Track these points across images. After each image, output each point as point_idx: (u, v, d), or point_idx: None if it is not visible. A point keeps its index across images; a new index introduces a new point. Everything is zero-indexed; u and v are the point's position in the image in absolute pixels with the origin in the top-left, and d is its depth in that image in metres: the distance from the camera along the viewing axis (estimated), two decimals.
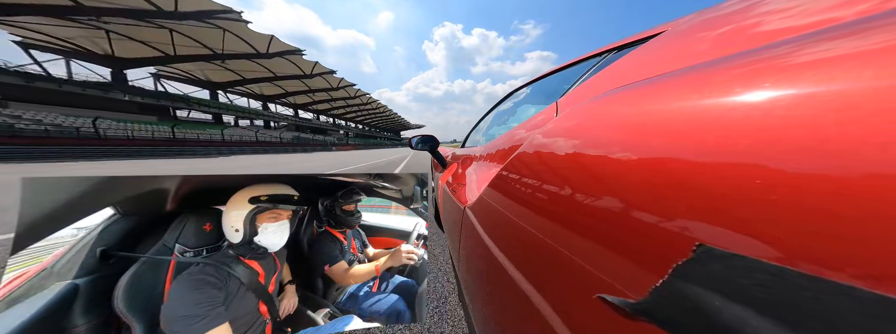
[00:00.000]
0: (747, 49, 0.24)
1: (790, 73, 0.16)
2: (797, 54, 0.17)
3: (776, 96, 0.15)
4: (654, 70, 0.35)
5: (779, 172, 0.13)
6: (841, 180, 0.11)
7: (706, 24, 0.37)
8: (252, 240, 0.73)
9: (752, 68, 0.19)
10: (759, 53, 0.20)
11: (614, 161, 0.23)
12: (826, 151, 0.12)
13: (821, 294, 0.11)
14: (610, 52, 0.59)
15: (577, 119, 0.33)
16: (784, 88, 0.15)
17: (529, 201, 0.34)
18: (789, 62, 0.17)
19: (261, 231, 0.73)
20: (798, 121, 0.14)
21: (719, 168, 0.16)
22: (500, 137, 0.77)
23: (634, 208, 0.20)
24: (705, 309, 0.14)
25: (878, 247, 0.10)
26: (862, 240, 0.10)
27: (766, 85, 0.16)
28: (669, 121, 0.21)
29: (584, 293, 0.23)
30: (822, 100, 0.13)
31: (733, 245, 0.14)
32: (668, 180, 0.18)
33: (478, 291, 0.51)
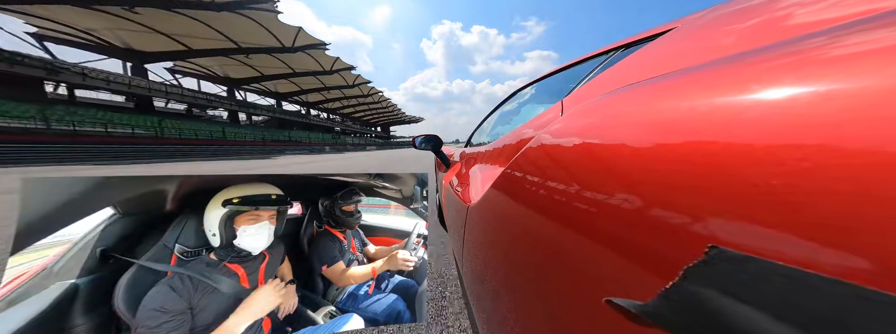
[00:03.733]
0: (760, 46, 0.24)
1: (808, 70, 0.15)
2: (814, 51, 0.17)
3: (792, 94, 0.15)
4: (664, 68, 0.34)
5: (795, 172, 0.13)
6: (861, 180, 0.11)
7: (718, 20, 0.36)
8: (231, 244, 0.71)
9: (769, 65, 0.18)
10: (774, 50, 0.20)
11: (622, 160, 0.23)
12: (845, 151, 0.12)
13: (839, 297, 0.11)
14: (617, 51, 0.58)
15: (584, 118, 0.32)
16: (801, 86, 0.15)
17: (535, 201, 0.34)
18: (807, 59, 0.16)
19: (239, 233, 0.71)
20: (815, 119, 0.13)
21: (733, 168, 0.15)
22: (504, 137, 0.77)
23: (643, 208, 0.19)
24: (716, 312, 0.14)
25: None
26: (884, 242, 0.10)
27: (783, 82, 0.16)
28: (679, 119, 0.20)
29: (590, 294, 0.22)
30: (841, 98, 0.13)
31: (747, 246, 0.13)
32: (679, 180, 0.18)
33: (482, 291, 0.50)
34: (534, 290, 0.31)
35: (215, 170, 8.84)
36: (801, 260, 0.12)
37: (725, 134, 0.16)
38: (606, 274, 0.21)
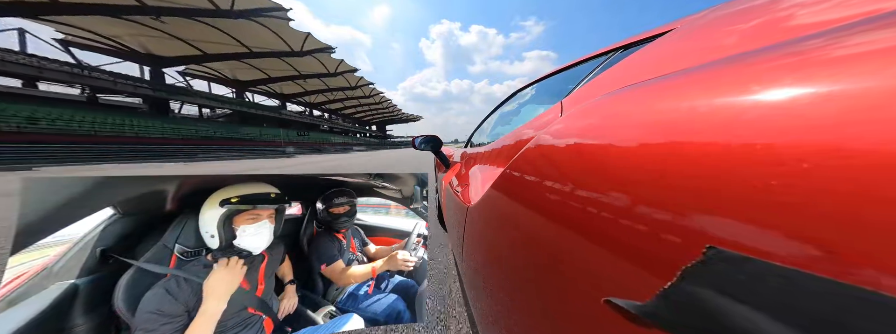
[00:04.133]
0: (761, 47, 0.24)
1: (809, 70, 0.15)
2: (815, 52, 0.17)
3: (793, 95, 0.15)
4: (664, 68, 0.34)
5: (794, 173, 0.13)
6: (860, 181, 0.11)
7: (718, 21, 0.36)
8: (231, 244, 0.71)
9: (770, 66, 0.18)
10: (775, 51, 0.20)
11: (621, 161, 0.23)
12: (845, 152, 0.12)
13: (838, 298, 0.11)
14: (617, 51, 0.58)
15: (584, 118, 0.32)
16: (801, 87, 0.15)
17: (534, 201, 0.34)
18: (808, 60, 0.16)
19: (239, 233, 0.70)
20: (815, 120, 0.13)
21: (732, 169, 0.15)
22: (503, 137, 0.77)
23: (641, 209, 0.19)
24: (715, 312, 0.14)
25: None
26: (883, 243, 0.10)
27: (784, 83, 0.16)
28: (679, 120, 0.20)
29: (589, 294, 0.22)
30: (841, 99, 0.13)
31: (745, 247, 0.13)
32: (678, 181, 0.18)
33: (481, 291, 0.51)
34: (533, 290, 0.31)
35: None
36: (800, 260, 0.12)
37: (725, 135, 0.16)
38: (605, 275, 0.21)
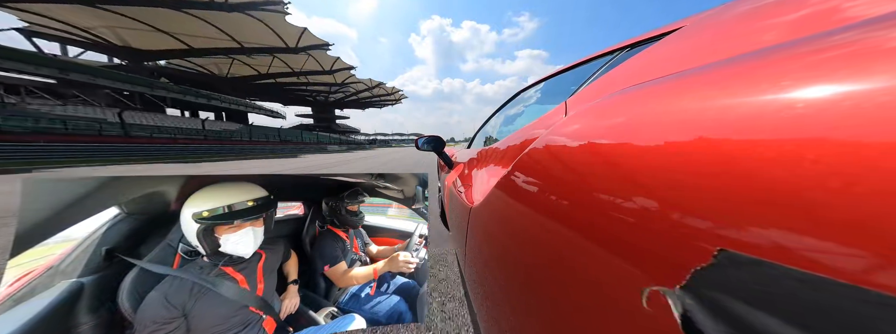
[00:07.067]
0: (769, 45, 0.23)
1: (824, 69, 0.15)
2: (829, 50, 0.16)
3: (805, 95, 0.14)
4: (670, 68, 0.34)
5: (808, 175, 0.12)
6: (876, 183, 0.11)
7: (725, 20, 0.35)
8: (218, 252, 0.70)
9: (781, 65, 0.18)
10: (784, 50, 0.19)
11: (627, 161, 0.22)
12: (862, 152, 0.11)
13: (851, 303, 0.10)
14: (621, 51, 0.57)
15: (588, 118, 0.32)
16: (815, 86, 0.14)
17: (538, 202, 0.33)
18: (822, 58, 0.16)
19: (223, 241, 0.69)
20: (828, 120, 0.13)
21: (742, 170, 0.15)
22: (507, 138, 0.76)
23: (649, 210, 0.19)
24: (725, 315, 0.14)
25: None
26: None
27: (795, 83, 0.15)
28: (685, 120, 0.20)
29: (594, 296, 0.22)
30: (856, 98, 0.12)
31: (757, 250, 0.13)
32: (685, 182, 0.17)
33: (484, 292, 0.50)
34: (537, 292, 0.31)
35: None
36: (813, 263, 0.11)
37: (734, 135, 0.16)
38: (611, 277, 0.21)
